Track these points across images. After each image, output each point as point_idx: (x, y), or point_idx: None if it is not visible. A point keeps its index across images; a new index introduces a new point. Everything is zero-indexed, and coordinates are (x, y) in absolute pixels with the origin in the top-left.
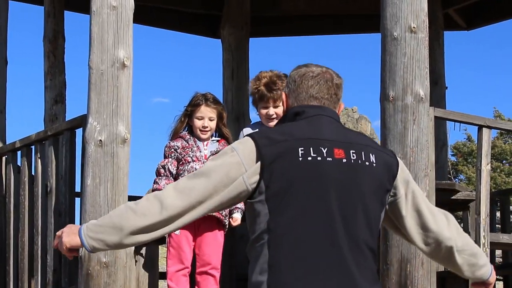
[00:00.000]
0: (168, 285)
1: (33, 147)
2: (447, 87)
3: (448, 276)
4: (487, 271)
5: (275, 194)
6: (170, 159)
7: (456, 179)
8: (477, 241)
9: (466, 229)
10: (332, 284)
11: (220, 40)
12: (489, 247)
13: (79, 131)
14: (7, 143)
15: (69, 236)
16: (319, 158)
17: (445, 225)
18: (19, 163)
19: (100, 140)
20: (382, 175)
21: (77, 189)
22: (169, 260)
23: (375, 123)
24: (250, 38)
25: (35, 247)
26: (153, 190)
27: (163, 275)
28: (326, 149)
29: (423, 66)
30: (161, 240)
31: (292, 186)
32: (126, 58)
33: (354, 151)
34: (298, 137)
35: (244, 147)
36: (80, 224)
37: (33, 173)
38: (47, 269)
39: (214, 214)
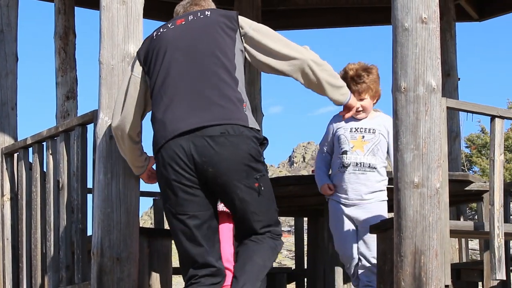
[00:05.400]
0: None
1: (44, 143)
2: (459, 78)
3: (463, 268)
4: (347, 94)
5: (148, 66)
6: None
7: (471, 171)
8: (491, 231)
9: (480, 220)
10: (183, 105)
11: None
12: (503, 237)
13: (90, 127)
14: (18, 140)
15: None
16: (164, 30)
17: (303, 49)
18: (30, 160)
19: (111, 135)
20: (218, 19)
21: (89, 185)
22: None
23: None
24: None
25: (47, 244)
26: None
27: (177, 270)
28: (171, 23)
29: (434, 57)
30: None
31: (152, 55)
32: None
33: (192, 16)
34: (158, 28)
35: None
36: None
37: (44, 170)
38: (59, 266)
39: (224, 209)
